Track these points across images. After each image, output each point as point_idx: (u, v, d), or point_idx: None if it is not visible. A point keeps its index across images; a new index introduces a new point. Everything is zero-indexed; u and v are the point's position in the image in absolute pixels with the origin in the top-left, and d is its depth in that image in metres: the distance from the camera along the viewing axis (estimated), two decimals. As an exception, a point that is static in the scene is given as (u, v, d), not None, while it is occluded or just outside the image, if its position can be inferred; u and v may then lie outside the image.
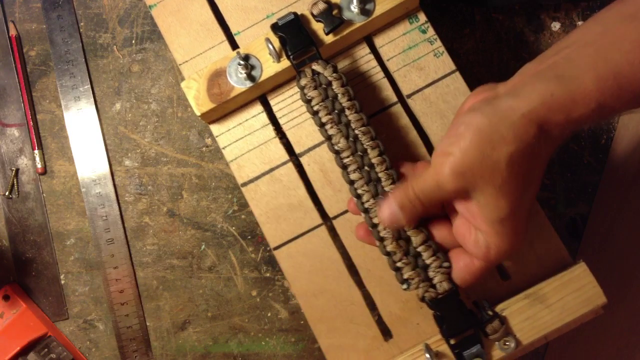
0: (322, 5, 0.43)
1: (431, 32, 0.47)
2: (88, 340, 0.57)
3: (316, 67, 0.42)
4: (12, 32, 0.57)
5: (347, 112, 0.41)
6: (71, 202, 0.57)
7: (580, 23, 0.57)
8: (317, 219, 0.46)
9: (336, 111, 0.41)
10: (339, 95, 0.41)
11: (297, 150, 0.47)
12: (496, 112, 0.34)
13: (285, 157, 0.47)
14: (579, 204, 0.58)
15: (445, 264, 0.39)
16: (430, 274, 0.39)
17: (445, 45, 0.47)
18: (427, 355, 0.40)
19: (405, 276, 0.39)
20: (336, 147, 0.41)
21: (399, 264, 0.40)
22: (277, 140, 0.47)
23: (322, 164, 0.47)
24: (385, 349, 0.44)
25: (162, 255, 0.57)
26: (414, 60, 0.47)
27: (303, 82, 0.42)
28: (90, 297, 0.57)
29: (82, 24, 0.58)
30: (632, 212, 0.50)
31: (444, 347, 0.41)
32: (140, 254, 0.57)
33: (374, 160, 0.40)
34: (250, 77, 0.44)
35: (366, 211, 0.40)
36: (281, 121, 0.47)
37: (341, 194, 0.46)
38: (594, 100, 0.33)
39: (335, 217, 0.46)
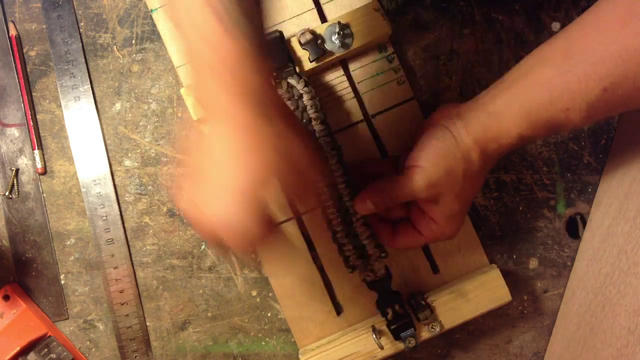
0: (308, 36, 0.50)
1: (396, 62, 0.55)
2: (88, 340, 0.57)
3: (291, 80, 0.49)
4: (12, 32, 0.57)
5: (314, 122, 0.47)
6: (71, 202, 0.57)
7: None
8: (289, 213, 0.54)
9: (304, 121, 0.48)
10: (308, 107, 0.48)
11: None
12: (457, 136, 0.45)
13: None
14: (579, 204, 0.58)
15: (383, 255, 0.49)
16: (372, 262, 0.49)
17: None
18: (373, 335, 0.51)
19: (352, 262, 0.50)
20: None
21: (347, 253, 0.49)
22: None
23: None
24: (337, 322, 0.55)
25: (162, 255, 0.57)
26: (379, 85, 0.55)
27: (279, 92, 0.48)
28: (90, 297, 0.57)
29: (82, 24, 0.58)
30: (632, 212, 0.50)
31: (386, 328, 0.52)
32: (140, 254, 0.57)
33: (333, 167, 0.47)
34: None
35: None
36: None
37: None
38: (515, 133, 0.43)
39: (304, 213, 0.54)
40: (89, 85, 0.57)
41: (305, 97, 0.48)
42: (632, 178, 0.51)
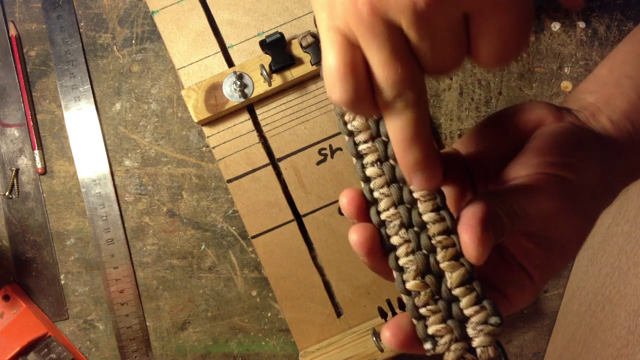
0: (310, 39, 0.50)
1: None
2: (88, 340, 0.57)
3: None
4: (12, 32, 0.57)
5: None
6: (71, 202, 0.57)
7: (580, 23, 0.57)
8: (290, 215, 0.54)
9: None
10: None
11: (277, 155, 0.55)
12: (607, 173, 0.32)
13: (266, 160, 0.54)
14: (579, 204, 0.58)
15: (494, 320, 0.27)
16: (470, 331, 0.27)
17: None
18: (373, 338, 0.50)
19: (431, 330, 0.27)
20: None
21: (422, 311, 0.27)
22: (259, 145, 0.54)
23: (297, 169, 0.55)
24: (337, 324, 0.55)
25: (162, 255, 0.57)
26: None
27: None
28: (90, 297, 0.57)
29: (82, 24, 0.58)
30: (632, 211, 0.50)
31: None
32: (140, 254, 0.57)
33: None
34: (243, 94, 0.51)
35: (382, 224, 0.28)
36: (264, 129, 0.55)
37: (311, 196, 0.55)
38: None
39: (305, 215, 0.55)
40: (89, 85, 0.57)
41: None
42: (632, 178, 0.51)
